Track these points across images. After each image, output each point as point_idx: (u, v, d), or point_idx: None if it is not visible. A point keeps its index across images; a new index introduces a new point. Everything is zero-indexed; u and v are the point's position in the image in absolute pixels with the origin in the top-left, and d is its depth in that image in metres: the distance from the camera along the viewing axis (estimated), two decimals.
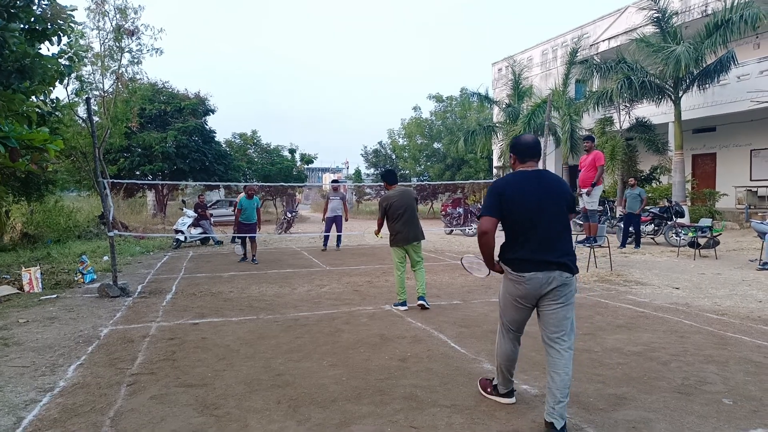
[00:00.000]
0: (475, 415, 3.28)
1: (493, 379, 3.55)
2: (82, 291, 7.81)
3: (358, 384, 3.85)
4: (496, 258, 3.25)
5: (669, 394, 3.58)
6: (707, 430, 3.05)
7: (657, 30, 16.43)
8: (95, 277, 8.82)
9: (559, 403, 2.94)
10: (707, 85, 16.23)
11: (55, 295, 7.42)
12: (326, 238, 13.23)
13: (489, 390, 3.55)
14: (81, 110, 15.58)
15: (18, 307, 6.72)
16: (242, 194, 11.35)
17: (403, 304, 6.31)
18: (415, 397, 3.58)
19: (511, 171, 3.33)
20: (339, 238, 13.21)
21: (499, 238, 3.05)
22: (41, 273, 8.24)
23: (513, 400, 3.45)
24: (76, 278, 8.64)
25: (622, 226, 12.59)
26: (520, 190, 3.10)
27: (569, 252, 3.11)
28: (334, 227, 13.07)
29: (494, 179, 27.25)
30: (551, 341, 3.07)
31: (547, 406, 2.98)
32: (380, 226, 6.63)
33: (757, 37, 17.58)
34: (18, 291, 7.69)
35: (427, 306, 6.24)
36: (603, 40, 22.04)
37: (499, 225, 3.15)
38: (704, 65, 15.67)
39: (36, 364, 4.44)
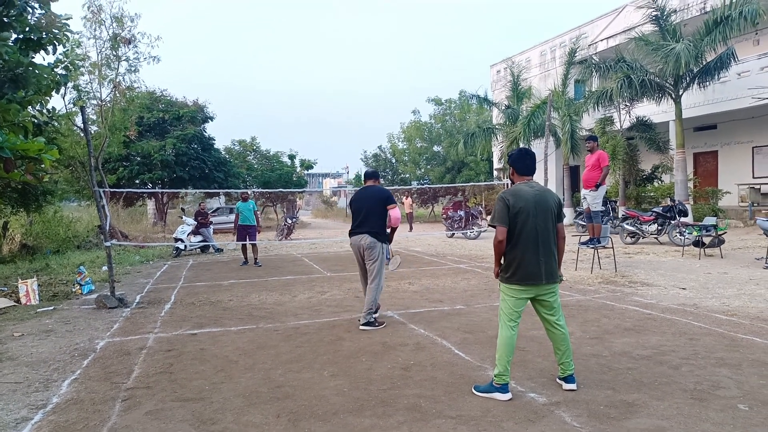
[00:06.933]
0: (481, 426, 3.16)
1: None
2: (79, 302, 7.70)
3: (359, 395, 3.73)
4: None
5: (682, 400, 3.46)
6: None
7: (656, 28, 16.34)
8: (93, 288, 8.71)
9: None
10: (707, 83, 16.15)
11: (52, 307, 7.31)
12: None
13: None
14: (78, 120, 15.52)
15: (14, 320, 6.61)
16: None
17: (503, 390, 3.56)
18: (418, 408, 3.46)
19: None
20: None
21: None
22: (38, 284, 8.14)
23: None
24: (73, 289, 8.53)
25: None
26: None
27: None
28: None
29: (495, 181, 27.23)
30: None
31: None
32: (501, 250, 3.63)
33: (757, 34, 17.45)
34: (15, 303, 7.58)
35: (575, 388, 3.69)
36: (601, 40, 21.94)
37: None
38: (704, 63, 15.59)
39: (29, 379, 4.33)
